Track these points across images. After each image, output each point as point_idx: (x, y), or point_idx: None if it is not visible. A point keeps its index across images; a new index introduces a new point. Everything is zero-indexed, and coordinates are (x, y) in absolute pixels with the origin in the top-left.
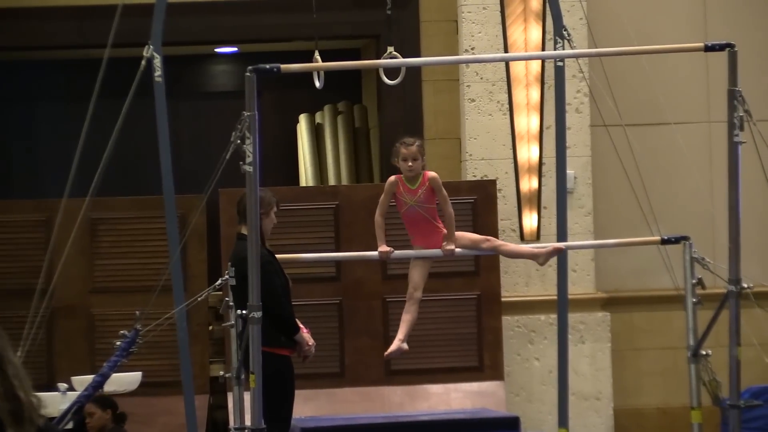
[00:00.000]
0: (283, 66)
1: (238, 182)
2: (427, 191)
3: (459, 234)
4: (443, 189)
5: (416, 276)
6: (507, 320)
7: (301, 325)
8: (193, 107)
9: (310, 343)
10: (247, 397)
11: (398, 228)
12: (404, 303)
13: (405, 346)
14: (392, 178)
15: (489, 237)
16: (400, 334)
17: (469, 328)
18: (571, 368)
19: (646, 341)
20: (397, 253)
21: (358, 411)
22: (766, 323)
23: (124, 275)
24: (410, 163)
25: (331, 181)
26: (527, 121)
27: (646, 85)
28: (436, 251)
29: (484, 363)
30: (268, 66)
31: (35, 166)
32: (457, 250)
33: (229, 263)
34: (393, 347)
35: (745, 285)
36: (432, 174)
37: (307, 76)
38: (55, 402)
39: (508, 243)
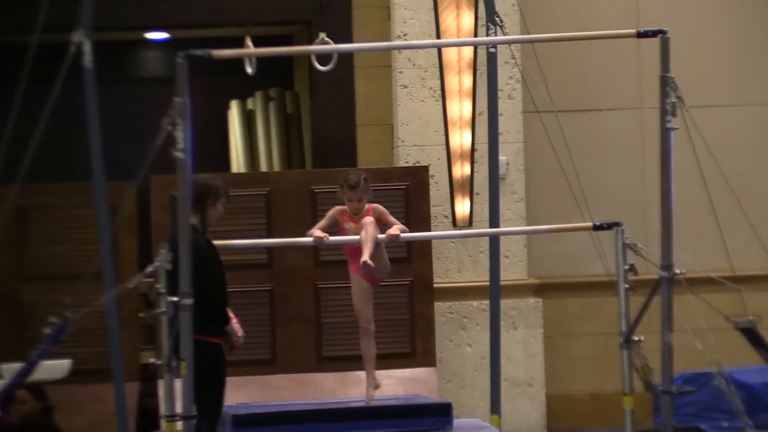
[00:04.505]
0: (215, 52)
1: (170, 169)
2: None
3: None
4: (387, 213)
5: (365, 309)
6: (439, 306)
7: (231, 315)
8: (124, 93)
9: (239, 334)
10: (177, 384)
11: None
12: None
13: (378, 381)
14: (337, 207)
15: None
16: (371, 372)
17: (401, 314)
18: (503, 354)
19: (578, 327)
20: (333, 239)
21: (290, 398)
22: (698, 309)
23: (53, 262)
24: (356, 204)
25: (263, 168)
26: (460, 108)
27: (579, 72)
28: (382, 236)
29: (417, 349)
30: (199, 52)
31: None
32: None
33: (167, 248)
34: (370, 392)
35: (678, 271)
36: (375, 205)
37: (239, 62)
38: None
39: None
